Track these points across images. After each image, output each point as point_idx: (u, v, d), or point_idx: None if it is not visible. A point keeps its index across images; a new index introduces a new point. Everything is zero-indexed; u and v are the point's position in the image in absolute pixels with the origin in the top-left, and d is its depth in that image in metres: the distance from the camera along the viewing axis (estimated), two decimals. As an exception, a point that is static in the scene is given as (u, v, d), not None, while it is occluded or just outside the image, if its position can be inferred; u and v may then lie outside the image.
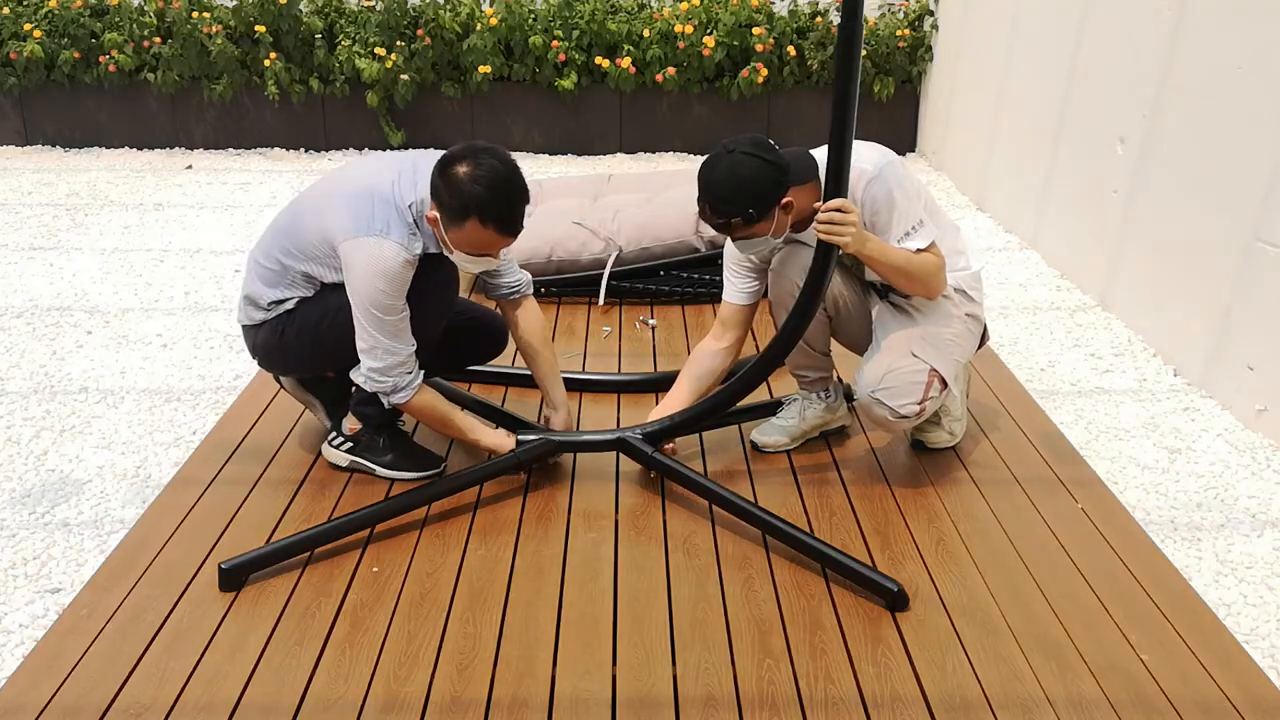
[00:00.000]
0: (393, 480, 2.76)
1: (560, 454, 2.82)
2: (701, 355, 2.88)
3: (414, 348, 2.53)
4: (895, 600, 2.25)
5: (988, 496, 2.71)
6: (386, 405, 2.58)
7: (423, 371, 2.58)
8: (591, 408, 3.20)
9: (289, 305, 2.62)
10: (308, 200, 2.60)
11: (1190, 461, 3.11)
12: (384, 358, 2.49)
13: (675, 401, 2.83)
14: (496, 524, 2.58)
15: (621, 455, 2.84)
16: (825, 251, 2.44)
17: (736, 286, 2.84)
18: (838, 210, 2.40)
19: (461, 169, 2.36)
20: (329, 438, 2.83)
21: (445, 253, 2.52)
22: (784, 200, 2.51)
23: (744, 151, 2.48)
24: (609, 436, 2.76)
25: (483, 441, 2.70)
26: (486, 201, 2.35)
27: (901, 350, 2.66)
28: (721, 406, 2.71)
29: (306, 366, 2.80)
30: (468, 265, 2.52)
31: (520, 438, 2.75)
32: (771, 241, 2.58)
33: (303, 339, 2.62)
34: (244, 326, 2.72)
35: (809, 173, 2.58)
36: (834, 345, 2.92)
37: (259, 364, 2.80)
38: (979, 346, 2.88)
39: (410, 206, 2.46)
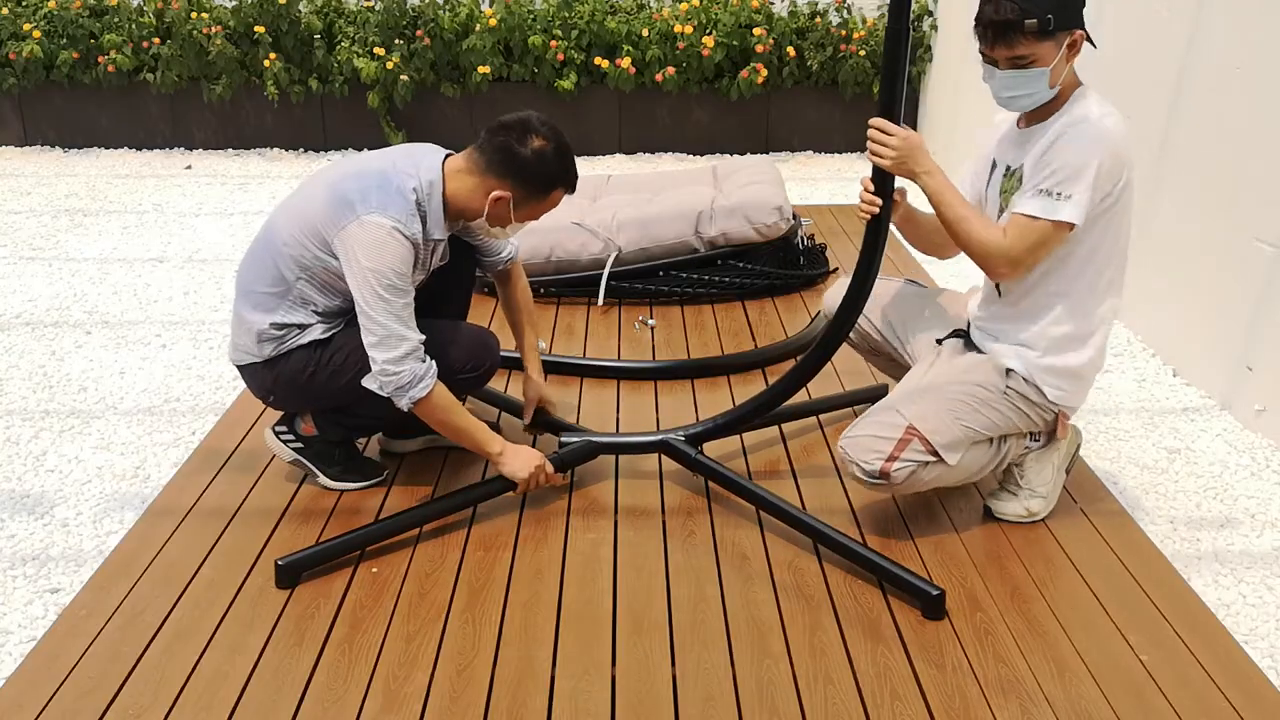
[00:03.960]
0: (340, 491, 2.71)
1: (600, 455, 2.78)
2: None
3: (423, 339, 2.43)
4: (933, 605, 2.23)
5: (987, 497, 2.70)
6: (405, 405, 2.41)
7: (435, 364, 2.45)
8: (602, 395, 3.21)
9: (308, 336, 2.51)
10: (289, 211, 2.52)
11: (1189, 462, 3.11)
12: (396, 345, 2.36)
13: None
14: (495, 524, 2.58)
15: (622, 456, 2.85)
16: (879, 180, 2.35)
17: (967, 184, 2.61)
18: (880, 131, 2.30)
19: (537, 143, 2.41)
20: (274, 427, 2.71)
21: (484, 226, 2.52)
22: (1075, 34, 2.23)
23: None
24: (652, 439, 2.76)
25: (503, 460, 2.54)
26: (569, 169, 2.47)
27: (886, 404, 2.47)
28: (766, 407, 2.71)
29: (334, 405, 2.64)
30: (511, 234, 2.59)
31: (563, 439, 2.74)
32: (1042, 84, 2.26)
33: (343, 371, 2.51)
34: (244, 366, 2.59)
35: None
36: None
37: (272, 404, 2.68)
38: (1043, 438, 2.55)
39: (414, 189, 2.43)
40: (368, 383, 2.43)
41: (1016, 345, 2.49)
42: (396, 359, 2.38)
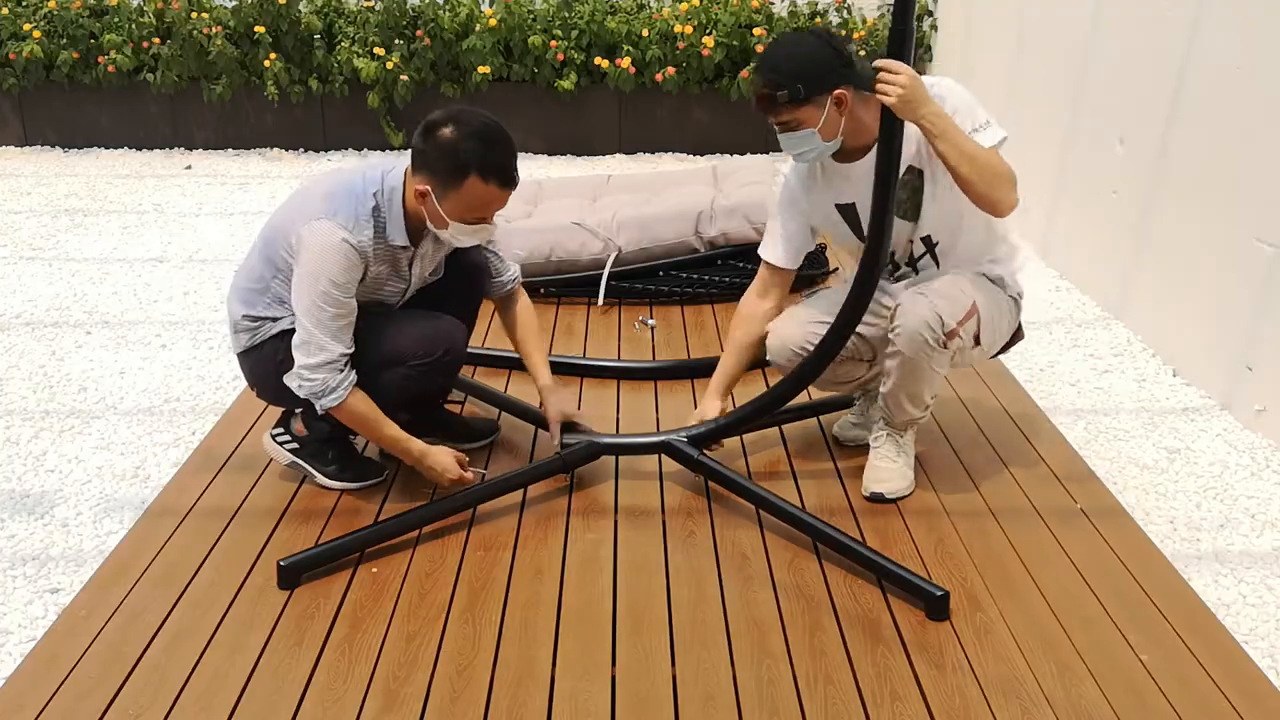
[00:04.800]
0: (339, 490, 2.70)
1: (602, 456, 2.77)
2: (748, 319, 2.78)
3: (350, 350, 2.44)
4: (937, 606, 2.23)
5: (987, 497, 2.71)
6: (319, 409, 2.46)
7: (355, 375, 2.46)
8: (608, 394, 3.21)
9: (278, 326, 2.54)
10: (275, 216, 2.58)
11: (1189, 462, 3.11)
12: (315, 353, 2.40)
13: (725, 374, 2.81)
14: (495, 524, 2.58)
15: (621, 457, 2.85)
16: (889, 124, 2.30)
17: (779, 244, 2.71)
18: (887, 70, 2.25)
19: (447, 130, 2.35)
20: (271, 431, 2.75)
21: (435, 232, 2.47)
22: (837, 91, 2.40)
23: (813, 32, 2.47)
24: (654, 439, 2.76)
25: (424, 459, 2.57)
26: (484, 154, 2.34)
27: (946, 279, 2.55)
28: (768, 409, 2.71)
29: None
30: (462, 238, 2.47)
31: (565, 439, 2.74)
32: (817, 140, 2.45)
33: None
34: (238, 356, 2.66)
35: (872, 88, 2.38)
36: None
37: (260, 395, 2.73)
38: (1005, 345, 2.76)
39: (375, 194, 2.43)
40: (287, 380, 2.46)
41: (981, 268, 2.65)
42: (312, 366, 2.41)
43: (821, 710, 1.97)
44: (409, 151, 2.52)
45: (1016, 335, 2.77)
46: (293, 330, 2.51)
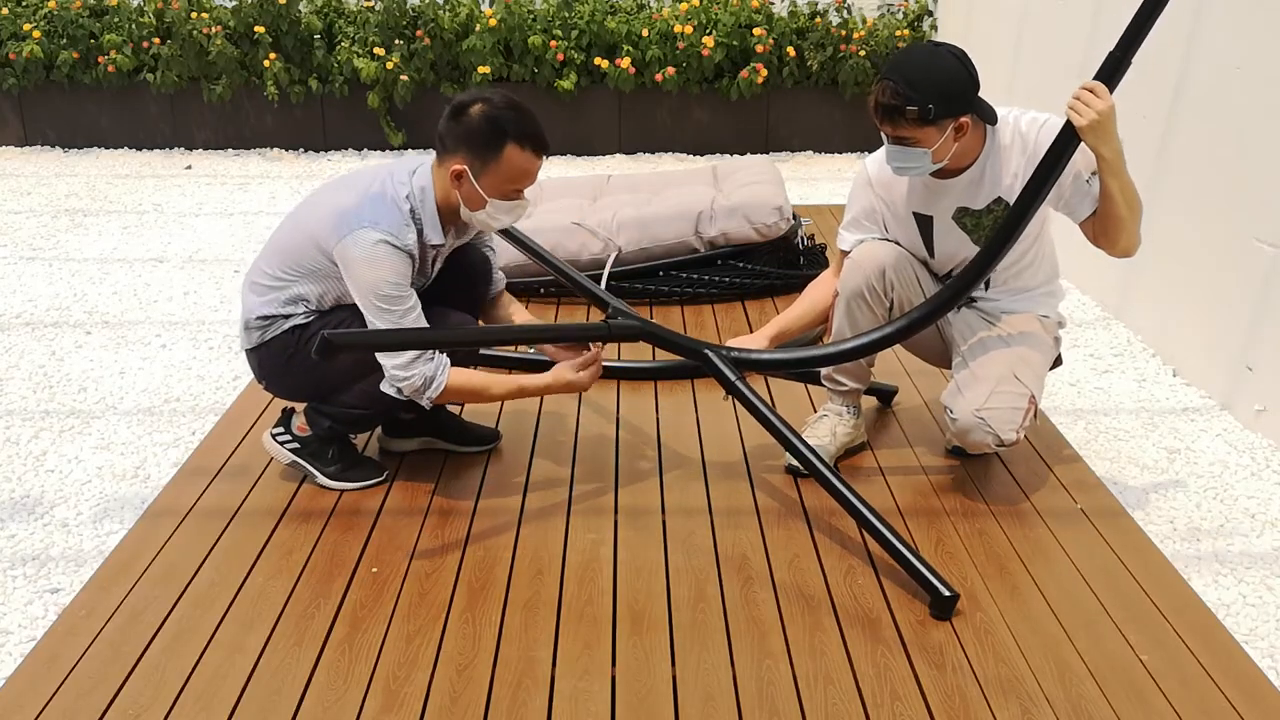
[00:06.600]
0: (339, 490, 2.71)
1: (644, 339, 2.72)
2: (825, 291, 2.81)
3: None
4: (943, 605, 2.23)
5: (987, 497, 2.71)
6: (426, 404, 2.49)
7: (445, 357, 2.49)
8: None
9: (290, 323, 2.55)
10: (298, 216, 2.59)
11: (1189, 462, 3.11)
12: (401, 353, 2.42)
13: (784, 321, 2.81)
14: (495, 524, 2.58)
15: (621, 450, 2.85)
16: (1062, 144, 2.32)
17: (854, 235, 2.75)
18: (1091, 92, 2.29)
19: (477, 107, 2.40)
20: (272, 430, 2.75)
21: (470, 217, 2.48)
22: (961, 119, 2.39)
23: (950, 51, 2.40)
24: (695, 345, 2.70)
25: (554, 388, 2.59)
26: (518, 122, 2.40)
27: (1003, 372, 2.57)
28: (824, 361, 2.71)
29: (313, 391, 2.68)
30: (500, 217, 2.49)
31: (613, 324, 2.69)
32: (927, 161, 2.42)
33: (309, 361, 2.51)
34: (246, 352, 2.66)
35: (990, 118, 2.47)
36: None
37: (268, 389, 2.74)
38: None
39: (407, 198, 2.45)
40: (385, 388, 2.48)
41: (1037, 299, 2.75)
42: (403, 365, 2.43)
43: (821, 710, 1.97)
44: (416, 153, 2.52)
45: (1055, 363, 2.81)
46: (303, 325, 2.54)
